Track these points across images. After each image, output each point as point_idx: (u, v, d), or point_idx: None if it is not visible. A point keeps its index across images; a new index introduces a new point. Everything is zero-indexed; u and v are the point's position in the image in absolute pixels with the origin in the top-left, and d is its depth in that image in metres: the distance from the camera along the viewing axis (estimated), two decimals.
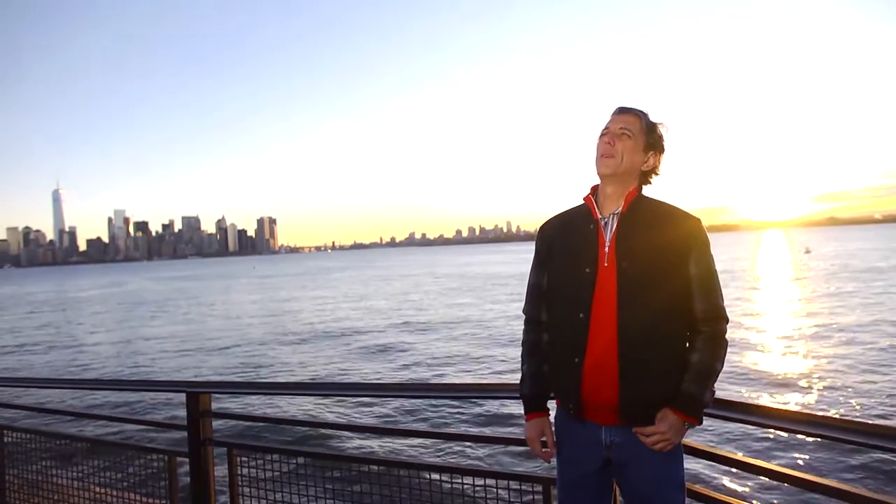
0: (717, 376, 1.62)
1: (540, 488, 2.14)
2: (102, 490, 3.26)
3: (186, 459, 2.80)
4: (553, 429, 1.79)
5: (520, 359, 1.86)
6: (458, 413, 9.27)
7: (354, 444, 7.26)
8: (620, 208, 1.67)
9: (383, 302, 32.73)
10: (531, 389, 1.80)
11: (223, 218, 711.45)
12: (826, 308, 20.94)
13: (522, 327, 1.86)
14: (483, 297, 32.37)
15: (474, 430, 8.09)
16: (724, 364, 1.63)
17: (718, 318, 1.62)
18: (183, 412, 2.82)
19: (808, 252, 65.80)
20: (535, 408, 1.80)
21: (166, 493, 2.93)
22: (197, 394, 2.76)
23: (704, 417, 1.69)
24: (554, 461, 1.78)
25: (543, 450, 1.78)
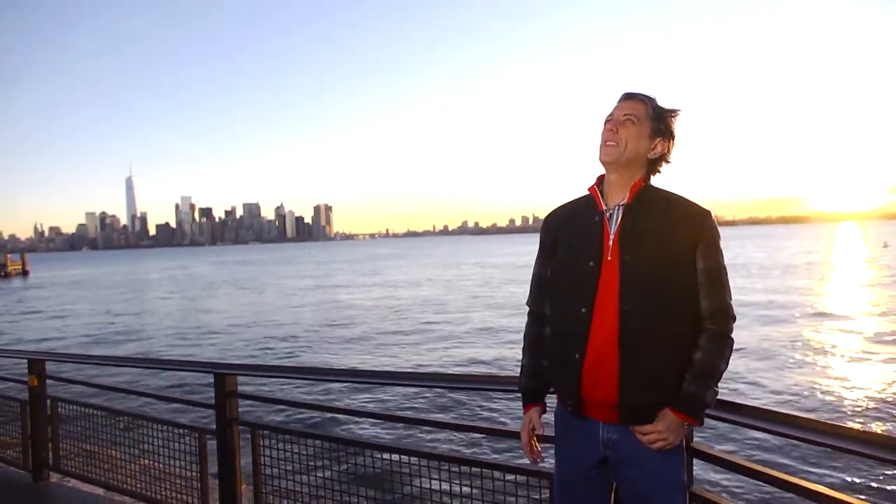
0: (721, 376, 1.54)
1: (548, 483, 2.11)
2: (145, 461, 3.47)
3: (214, 437, 2.92)
4: (542, 421, 1.77)
5: (521, 352, 1.83)
6: (473, 404, 9.26)
7: (372, 430, 7.41)
8: (626, 199, 1.60)
9: (431, 289, 32.97)
10: (527, 382, 1.79)
11: (282, 205, 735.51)
12: None
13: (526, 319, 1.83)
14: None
15: (490, 423, 8.04)
16: (728, 364, 1.55)
17: (725, 316, 1.54)
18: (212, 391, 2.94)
19: (886, 246, 61.53)
20: (529, 400, 1.78)
21: (198, 468, 3.08)
22: (224, 375, 2.87)
23: (714, 420, 1.62)
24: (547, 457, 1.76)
25: (531, 445, 1.76)
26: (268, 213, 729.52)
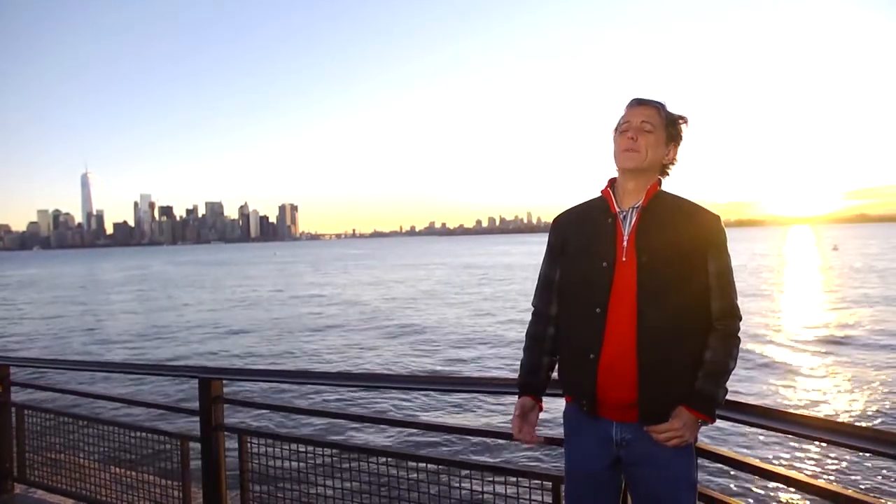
0: (731, 374, 1.59)
1: (550, 485, 2.11)
2: (120, 470, 3.33)
3: (199, 444, 2.82)
4: (538, 414, 1.77)
5: (522, 351, 1.83)
6: (470, 406, 9.17)
7: (364, 434, 7.23)
8: (640, 202, 1.63)
9: (403, 290, 32.82)
10: (522, 377, 1.79)
11: (246, 204, 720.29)
12: (847, 308, 20.33)
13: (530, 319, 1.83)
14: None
15: (487, 426, 7.97)
16: (737, 362, 1.60)
17: (733, 316, 1.59)
18: (196, 396, 2.84)
19: (835, 249, 64.41)
20: (524, 393, 1.77)
21: (180, 476, 2.97)
22: (209, 380, 2.78)
23: (718, 420, 1.65)
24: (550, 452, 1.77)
25: (521, 427, 1.73)
26: (231, 213, 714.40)
